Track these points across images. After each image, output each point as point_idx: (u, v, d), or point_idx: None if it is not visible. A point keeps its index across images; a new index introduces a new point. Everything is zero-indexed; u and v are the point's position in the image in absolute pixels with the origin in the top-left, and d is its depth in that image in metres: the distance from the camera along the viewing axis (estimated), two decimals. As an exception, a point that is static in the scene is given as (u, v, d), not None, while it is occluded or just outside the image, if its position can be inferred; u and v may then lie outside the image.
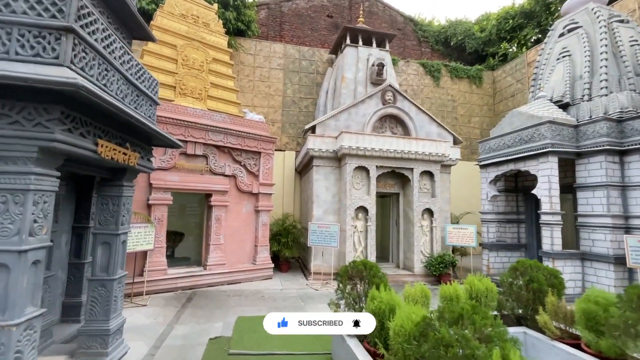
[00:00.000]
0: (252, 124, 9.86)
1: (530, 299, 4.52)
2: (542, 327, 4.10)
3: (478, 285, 4.69)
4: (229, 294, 7.94)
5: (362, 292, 4.33)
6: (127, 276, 7.41)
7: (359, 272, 4.35)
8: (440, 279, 9.65)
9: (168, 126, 8.19)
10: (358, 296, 4.35)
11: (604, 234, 7.50)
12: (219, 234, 8.91)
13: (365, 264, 4.36)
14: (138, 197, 7.85)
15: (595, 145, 7.77)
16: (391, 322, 3.21)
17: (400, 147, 9.93)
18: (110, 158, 3.34)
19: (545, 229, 8.04)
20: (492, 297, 4.67)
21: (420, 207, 10.17)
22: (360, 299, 4.37)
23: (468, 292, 4.67)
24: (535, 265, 4.72)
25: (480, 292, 4.63)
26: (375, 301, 3.69)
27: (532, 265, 4.72)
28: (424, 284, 4.65)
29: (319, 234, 9.19)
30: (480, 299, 4.61)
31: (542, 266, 4.74)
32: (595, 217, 7.71)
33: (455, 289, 4.56)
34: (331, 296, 8.09)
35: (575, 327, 4.01)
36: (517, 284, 4.71)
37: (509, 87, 16.51)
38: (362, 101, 10.83)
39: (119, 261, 4.07)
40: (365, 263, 4.38)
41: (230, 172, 9.29)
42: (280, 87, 14.67)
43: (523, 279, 4.64)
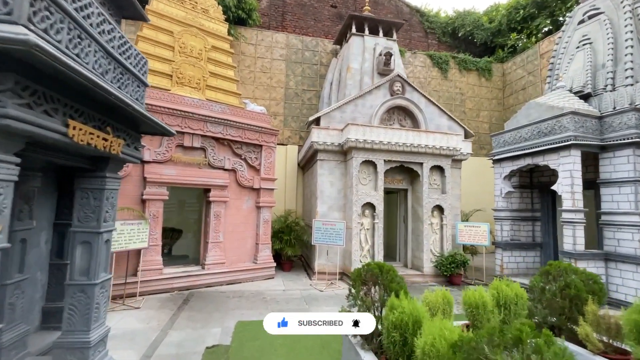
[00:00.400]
0: (253, 115, 9.33)
1: (566, 306, 4.01)
2: (583, 339, 3.60)
3: (506, 290, 4.17)
4: (228, 295, 7.47)
5: (377, 298, 3.83)
6: (119, 276, 6.99)
7: (373, 276, 3.84)
8: (451, 280, 9.15)
9: (163, 116, 7.66)
10: (372, 303, 3.85)
11: (631, 233, 6.97)
12: (218, 231, 8.42)
13: (382, 267, 3.85)
14: (131, 192, 7.37)
15: (622, 138, 7.23)
16: (418, 339, 2.71)
17: (409, 140, 9.39)
18: (86, 143, 2.83)
19: (566, 227, 7.52)
20: (523, 304, 4.15)
21: (430, 203, 9.65)
22: (375, 306, 3.86)
23: (495, 299, 4.16)
24: (570, 269, 4.21)
25: (509, 299, 4.11)
26: (395, 311, 3.19)
27: (567, 269, 4.21)
28: (447, 289, 4.14)
29: (324, 232, 8.69)
30: (510, 307, 4.09)
31: (579, 270, 4.23)
32: (621, 215, 7.19)
33: (481, 295, 4.04)
34: (337, 298, 7.68)
35: (622, 340, 3.50)
36: (550, 290, 4.21)
37: (519, 80, 15.91)
38: (369, 92, 10.27)
39: (102, 263, 3.57)
40: (381, 266, 3.88)
41: (230, 166, 8.77)
42: (282, 78, 14.11)
43: (557, 283, 4.14)
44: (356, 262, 8.89)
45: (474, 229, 9.67)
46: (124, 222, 6.55)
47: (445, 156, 9.85)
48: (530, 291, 4.42)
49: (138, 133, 3.99)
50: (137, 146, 3.94)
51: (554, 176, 9.13)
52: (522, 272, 9.35)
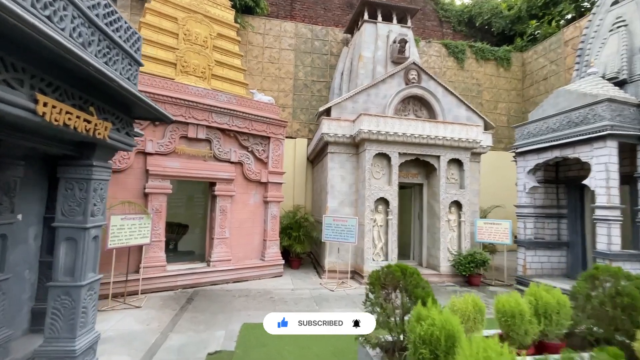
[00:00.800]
0: (261, 105, 8.89)
1: (618, 317, 3.47)
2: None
3: (546, 297, 3.65)
4: (234, 294, 7.09)
5: (399, 305, 3.36)
6: (120, 273, 6.68)
7: (395, 280, 3.37)
8: (469, 280, 8.60)
9: (166, 106, 7.28)
10: (393, 310, 3.38)
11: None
12: (223, 227, 8.05)
13: (404, 270, 3.37)
14: (133, 185, 7.03)
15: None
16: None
17: (426, 131, 8.82)
18: (62, 124, 2.42)
19: (600, 225, 6.89)
20: (566, 313, 3.63)
21: (448, 199, 9.08)
22: (395, 314, 3.39)
23: (533, 307, 3.64)
24: (621, 274, 3.65)
25: (550, 307, 3.59)
26: (424, 323, 2.71)
27: (618, 273, 3.66)
28: (477, 297, 3.63)
29: (335, 229, 8.23)
30: (551, 317, 3.57)
31: (632, 275, 3.67)
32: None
33: (517, 303, 3.54)
34: (348, 299, 7.24)
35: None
36: (598, 297, 3.67)
37: (541, 70, 15.06)
38: (382, 81, 9.71)
39: (89, 262, 3.18)
40: (403, 268, 3.39)
41: (237, 159, 8.37)
42: (291, 69, 13.61)
43: (607, 290, 3.59)
44: (369, 260, 8.42)
45: (494, 226, 9.09)
46: (125, 217, 6.21)
47: (464, 149, 9.25)
48: (573, 298, 3.88)
49: (130, 117, 3.57)
50: (129, 132, 3.53)
51: (583, 170, 8.47)
52: (547, 273, 8.73)
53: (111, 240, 5.95)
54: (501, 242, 8.94)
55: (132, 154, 6.95)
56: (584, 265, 8.52)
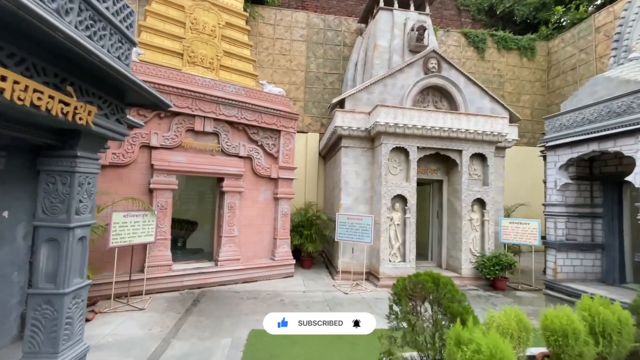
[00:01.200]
0: (271, 97, 8.44)
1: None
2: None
3: (605, 314, 3.08)
4: (242, 295, 6.71)
5: (430, 320, 2.86)
6: (124, 273, 6.37)
7: (425, 291, 2.88)
8: (494, 284, 8.00)
9: (172, 97, 6.91)
10: (423, 326, 2.89)
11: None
12: (232, 225, 7.67)
13: (436, 280, 2.87)
14: (137, 181, 6.71)
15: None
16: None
17: (447, 124, 8.21)
18: (29, 105, 2.01)
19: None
20: (629, 333, 3.06)
21: (470, 197, 8.46)
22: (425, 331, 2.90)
23: (588, 324, 3.08)
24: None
25: (610, 326, 3.03)
26: (465, 348, 2.21)
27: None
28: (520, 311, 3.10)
29: (349, 227, 7.75)
30: (611, 337, 3.01)
31: None
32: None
33: (570, 319, 2.99)
34: (364, 303, 6.73)
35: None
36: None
37: (569, 59, 14.11)
38: (400, 70, 9.12)
39: (75, 267, 2.80)
40: (435, 278, 2.90)
41: (245, 153, 7.96)
42: (302, 61, 13.11)
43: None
44: (385, 261, 7.90)
45: (521, 226, 8.43)
46: (127, 214, 5.88)
47: (488, 142, 8.59)
48: (634, 313, 3.30)
49: (123, 103, 3.16)
50: (120, 118, 3.12)
51: (622, 165, 7.74)
52: (579, 278, 8.03)
53: (113, 239, 5.63)
54: (528, 243, 8.28)
55: (136, 147, 6.63)
56: (622, 270, 7.80)
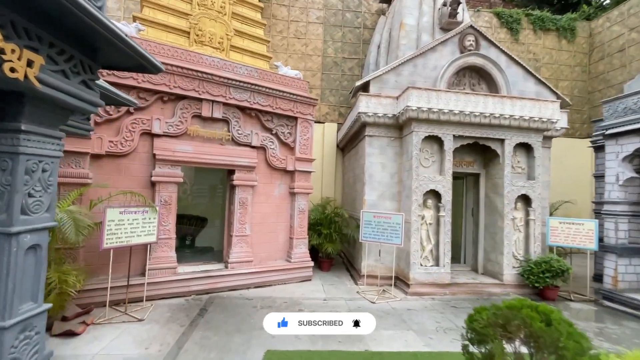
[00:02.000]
0: (287, 81, 7.54)
1: None
2: None
3: None
4: (255, 303, 5.90)
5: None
6: (121, 277, 5.60)
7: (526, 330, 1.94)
8: (543, 293, 6.94)
9: (176, 77, 6.11)
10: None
11: None
12: (243, 223, 6.86)
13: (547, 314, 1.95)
14: (137, 173, 5.95)
15: None
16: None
17: (488, 108, 7.14)
18: None
19: None
20: None
21: (514, 192, 7.39)
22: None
23: None
24: None
25: None
26: None
27: None
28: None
29: (375, 227, 6.82)
30: None
31: None
32: None
33: None
34: (396, 315, 5.51)
35: None
36: None
37: (615, 40, 12.65)
38: (432, 49, 8.05)
39: (23, 287, 1.99)
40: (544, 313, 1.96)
41: (259, 143, 7.11)
42: (319, 45, 12.13)
43: None
44: (415, 265, 6.95)
45: (573, 226, 7.32)
46: (125, 210, 5.12)
47: (535, 130, 7.47)
48: None
49: (94, 60, 2.31)
50: (88, 81, 2.26)
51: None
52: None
53: (108, 239, 4.88)
54: (584, 247, 7.17)
55: (136, 134, 5.85)
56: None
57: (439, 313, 5.85)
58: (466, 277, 7.53)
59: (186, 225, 9.01)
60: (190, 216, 9.19)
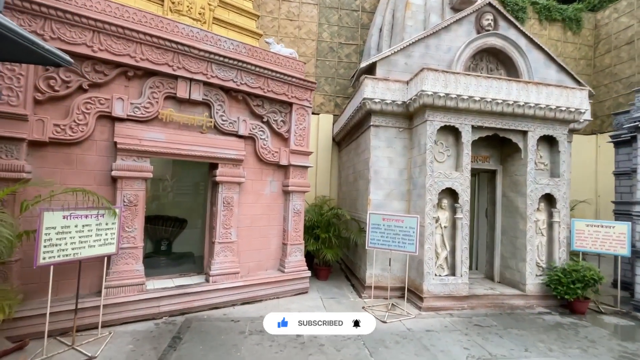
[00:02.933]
0: (280, 60, 6.43)
1: None
2: None
3: None
4: (242, 327, 4.80)
5: None
6: (66, 300, 4.19)
7: None
8: (572, 306, 6.11)
9: (143, 48, 4.91)
10: None
11: None
12: (228, 227, 5.74)
13: None
14: (94, 165, 4.76)
15: None
16: None
17: (512, 95, 6.25)
18: None
19: None
20: None
21: (537, 191, 6.55)
22: None
23: None
24: None
25: None
26: None
27: None
28: None
29: (385, 231, 5.83)
30: None
31: None
32: None
33: None
34: (415, 340, 4.52)
35: None
36: None
37: (623, 32, 12.09)
38: (445, 28, 7.11)
39: None
40: None
41: (247, 132, 5.99)
42: (313, 28, 11.03)
43: None
44: (429, 275, 6.01)
45: (602, 229, 6.55)
46: (71, 214, 3.93)
47: (560, 122, 6.65)
48: None
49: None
50: None
51: None
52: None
53: (45, 253, 3.68)
54: (615, 252, 6.40)
55: (92, 117, 4.64)
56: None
57: (463, 335, 4.92)
58: (483, 288, 6.65)
59: (162, 227, 7.81)
60: (167, 217, 7.96)
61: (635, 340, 5.01)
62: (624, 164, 8.01)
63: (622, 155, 8.11)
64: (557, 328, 5.36)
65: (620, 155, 8.19)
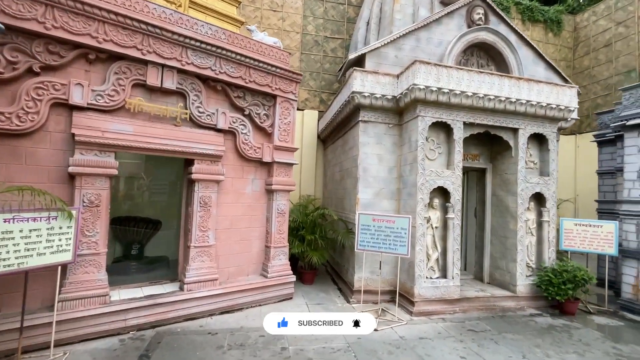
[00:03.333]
0: (263, 49, 5.96)
1: None
2: None
3: None
4: (220, 341, 4.33)
5: None
6: (10, 316, 3.61)
7: None
8: (562, 307, 6.01)
9: (107, 28, 4.33)
10: None
11: None
12: (205, 229, 5.23)
13: None
14: (48, 160, 4.15)
15: None
16: None
17: (504, 91, 6.07)
18: None
19: None
20: None
21: (528, 190, 6.43)
22: None
23: None
24: None
25: None
26: None
27: None
28: None
29: (375, 233, 5.50)
30: None
31: None
32: None
33: None
34: (409, 349, 4.15)
35: None
36: None
37: (601, 34, 12.36)
38: (437, 21, 6.86)
39: None
40: None
41: (226, 126, 5.49)
42: (298, 20, 10.59)
43: None
44: (421, 278, 5.73)
45: (590, 229, 6.50)
46: (15, 216, 3.34)
47: (550, 119, 6.55)
48: None
49: None
50: None
51: None
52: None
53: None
54: (602, 252, 6.36)
55: (44, 104, 4.02)
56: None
57: (458, 342, 4.65)
58: (474, 290, 6.46)
59: (133, 229, 7.17)
60: (140, 218, 7.32)
61: (627, 342, 4.91)
62: (607, 163, 8.07)
63: (606, 154, 8.17)
64: (550, 331, 5.20)
65: (604, 155, 8.26)
